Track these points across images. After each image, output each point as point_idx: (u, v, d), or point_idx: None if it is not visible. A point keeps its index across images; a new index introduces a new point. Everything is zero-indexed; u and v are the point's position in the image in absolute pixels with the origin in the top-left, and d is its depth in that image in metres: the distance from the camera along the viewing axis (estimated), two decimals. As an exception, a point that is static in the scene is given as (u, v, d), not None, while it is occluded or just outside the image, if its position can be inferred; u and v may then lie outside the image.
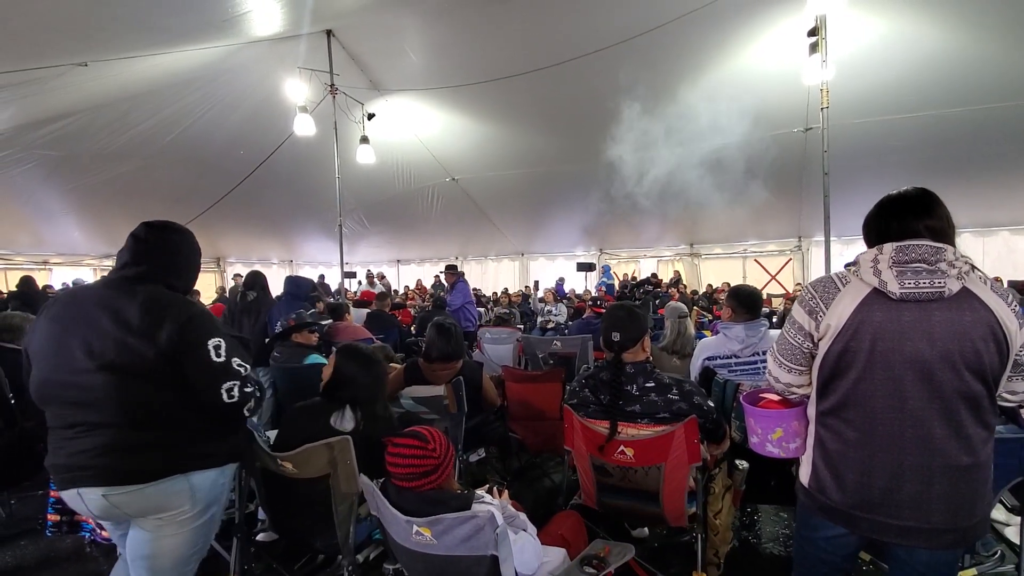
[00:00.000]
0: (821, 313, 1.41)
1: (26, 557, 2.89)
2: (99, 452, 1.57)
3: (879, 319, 1.32)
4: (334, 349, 2.49)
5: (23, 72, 5.11)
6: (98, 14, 4.54)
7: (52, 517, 2.52)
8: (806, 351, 1.48)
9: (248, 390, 1.67)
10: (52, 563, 2.82)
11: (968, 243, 10.35)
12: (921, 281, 1.28)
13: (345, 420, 2.12)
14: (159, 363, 1.56)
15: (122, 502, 1.61)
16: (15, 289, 7.62)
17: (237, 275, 12.37)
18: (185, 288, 1.79)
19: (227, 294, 10.65)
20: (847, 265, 1.50)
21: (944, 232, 1.35)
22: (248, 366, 1.69)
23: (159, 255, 1.70)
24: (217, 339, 1.63)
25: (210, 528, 1.81)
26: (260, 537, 2.70)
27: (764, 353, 2.66)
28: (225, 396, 1.61)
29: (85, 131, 6.99)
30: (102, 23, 4.69)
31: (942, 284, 1.27)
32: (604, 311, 5.15)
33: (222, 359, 1.62)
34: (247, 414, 1.71)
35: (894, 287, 1.30)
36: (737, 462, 2.48)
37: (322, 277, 12.39)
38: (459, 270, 7.53)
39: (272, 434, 2.33)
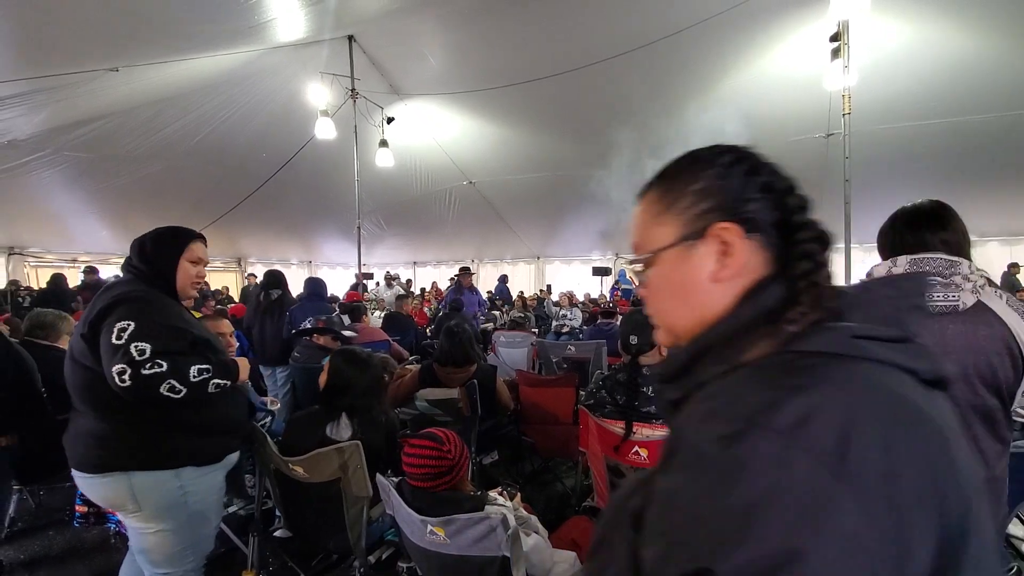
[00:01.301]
0: None
1: (53, 547, 2.99)
2: (68, 436, 1.70)
3: None
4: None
5: (58, 77, 5.29)
6: (130, 22, 4.70)
7: (80, 508, 2.60)
8: None
9: (147, 372, 1.54)
10: (79, 553, 2.92)
11: (995, 252, 10.09)
12: (935, 294, 1.28)
13: (341, 428, 2.13)
14: (87, 349, 1.60)
15: (83, 486, 1.70)
16: (45, 286, 7.91)
17: (251, 275, 12.60)
18: (151, 280, 1.76)
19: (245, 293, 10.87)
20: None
21: (959, 246, 1.34)
22: (152, 350, 1.56)
23: (132, 250, 1.80)
24: (126, 322, 1.57)
25: (197, 529, 1.78)
26: (277, 533, 2.75)
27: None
28: (117, 379, 1.52)
29: (115, 134, 7.20)
30: (133, 30, 4.84)
31: (956, 298, 1.26)
32: (618, 316, 5.16)
33: (121, 341, 1.54)
34: (162, 393, 1.57)
35: None
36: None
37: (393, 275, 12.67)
38: (471, 272, 7.54)
39: None
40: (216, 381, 1.70)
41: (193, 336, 1.72)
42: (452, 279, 7.40)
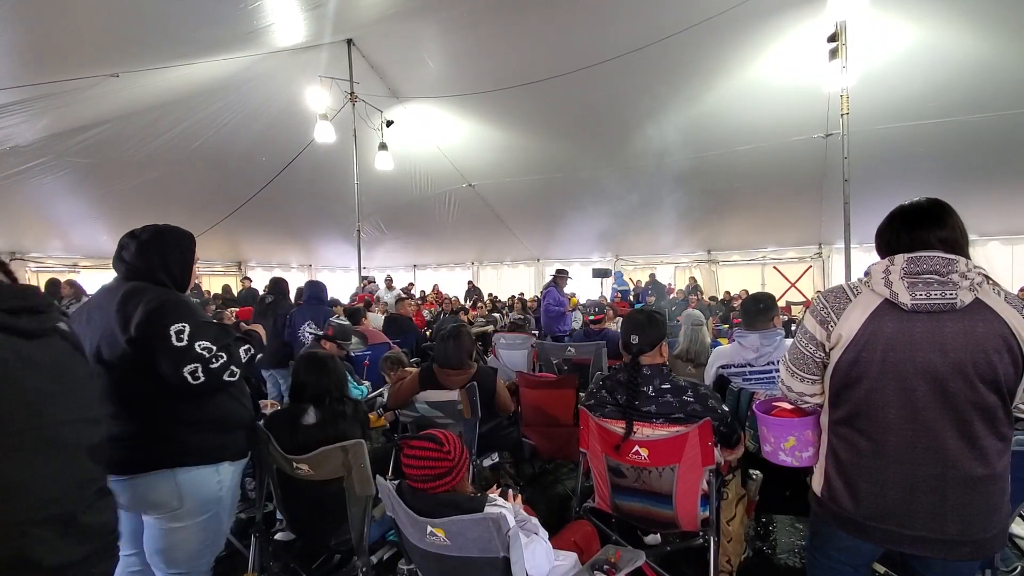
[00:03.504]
0: (832, 323, 1.42)
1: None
2: None
3: (890, 330, 1.33)
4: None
5: (59, 83, 5.31)
6: (130, 28, 4.73)
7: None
8: (818, 360, 1.48)
9: (215, 366, 1.68)
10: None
11: (996, 251, 10.09)
12: (933, 292, 1.28)
13: (309, 416, 2.24)
14: (132, 352, 1.63)
15: (115, 490, 1.69)
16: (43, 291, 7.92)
17: (246, 279, 12.65)
18: (176, 283, 1.83)
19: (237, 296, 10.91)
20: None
21: (957, 243, 1.34)
22: (215, 347, 1.70)
23: (142, 255, 1.78)
24: (180, 324, 1.65)
25: (218, 524, 1.84)
26: (278, 536, 2.76)
27: (779, 362, 2.64)
28: (190, 379, 1.64)
29: (115, 139, 7.22)
30: (134, 36, 4.87)
31: (954, 296, 1.27)
32: (608, 320, 5.15)
33: (183, 343, 1.63)
34: (229, 379, 1.74)
35: (905, 298, 1.30)
36: (751, 472, 2.47)
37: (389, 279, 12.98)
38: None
39: None
40: (257, 355, 1.90)
41: (226, 326, 1.89)
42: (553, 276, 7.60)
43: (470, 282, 15.06)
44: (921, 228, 1.36)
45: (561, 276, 7.49)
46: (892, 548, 1.39)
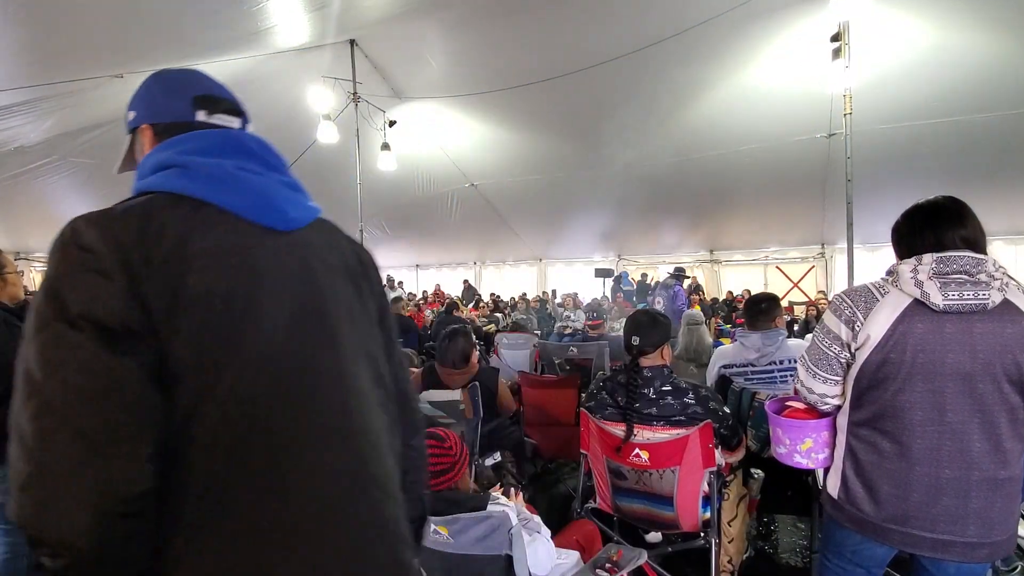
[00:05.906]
0: (859, 323, 1.39)
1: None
2: None
3: (920, 330, 1.31)
4: None
5: (64, 84, 5.35)
6: (135, 29, 4.75)
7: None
8: (842, 360, 1.45)
9: None
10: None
11: (1000, 251, 10.04)
12: (965, 293, 1.26)
13: None
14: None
15: None
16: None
17: None
18: None
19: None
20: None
21: (977, 242, 1.33)
22: None
23: None
24: None
25: None
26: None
27: (780, 362, 2.65)
28: None
29: (119, 140, 7.04)
30: (138, 37, 4.90)
31: (986, 296, 1.25)
32: (600, 326, 5.14)
33: None
34: None
35: (937, 298, 1.28)
36: (752, 471, 2.48)
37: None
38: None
39: None
40: None
41: None
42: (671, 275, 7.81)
43: (466, 281, 15.01)
44: (945, 227, 1.35)
45: (682, 275, 7.45)
46: (911, 551, 1.38)
